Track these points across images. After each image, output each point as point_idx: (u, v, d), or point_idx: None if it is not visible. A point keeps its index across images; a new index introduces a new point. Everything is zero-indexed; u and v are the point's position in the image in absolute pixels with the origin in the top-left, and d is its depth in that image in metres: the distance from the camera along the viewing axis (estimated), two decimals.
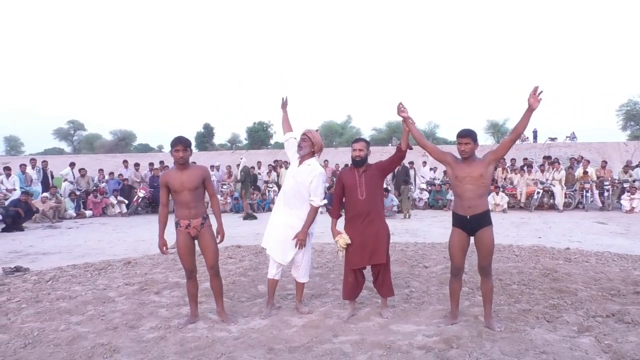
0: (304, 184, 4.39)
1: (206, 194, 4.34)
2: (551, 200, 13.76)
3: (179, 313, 4.60)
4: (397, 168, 14.95)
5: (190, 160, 4.30)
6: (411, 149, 4.49)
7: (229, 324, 4.23)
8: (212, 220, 4.37)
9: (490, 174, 3.98)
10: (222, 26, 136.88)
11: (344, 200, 4.52)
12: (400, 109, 4.23)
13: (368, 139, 4.82)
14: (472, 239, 4.08)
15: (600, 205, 13.62)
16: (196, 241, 4.31)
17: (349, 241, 4.35)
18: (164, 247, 4.27)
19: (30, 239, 9.83)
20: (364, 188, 4.35)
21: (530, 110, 3.72)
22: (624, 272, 5.83)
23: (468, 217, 3.94)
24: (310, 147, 4.44)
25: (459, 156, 4.05)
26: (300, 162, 4.47)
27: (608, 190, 13.55)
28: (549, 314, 4.27)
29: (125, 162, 16.70)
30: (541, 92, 3.70)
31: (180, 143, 4.11)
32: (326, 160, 17.55)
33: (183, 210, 4.20)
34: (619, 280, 5.37)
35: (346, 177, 4.46)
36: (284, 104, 4.94)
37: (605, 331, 3.83)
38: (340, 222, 4.53)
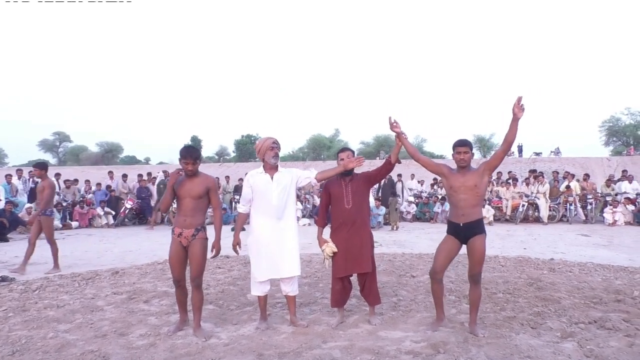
0: (287, 186, 4.37)
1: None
2: (536, 213, 13.98)
3: (169, 321, 4.60)
4: (383, 180, 15.15)
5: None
6: (400, 162, 4.59)
7: (200, 338, 4.05)
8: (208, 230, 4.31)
9: (485, 184, 4.08)
10: (209, 38, 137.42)
11: (330, 210, 4.60)
12: (393, 125, 4.32)
13: (354, 150, 4.87)
14: (464, 248, 4.18)
15: (584, 218, 13.86)
16: None
17: (335, 249, 4.41)
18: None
19: (15, 249, 9.71)
20: (350, 197, 4.43)
21: (516, 119, 3.85)
22: (606, 281, 5.96)
23: (461, 224, 4.04)
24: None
25: (453, 167, 4.16)
26: (272, 172, 4.36)
27: (591, 204, 13.80)
28: (534, 321, 4.36)
29: (110, 172, 16.65)
30: (523, 104, 3.84)
31: (189, 156, 4.07)
32: None
33: (180, 218, 4.19)
34: (601, 289, 5.50)
35: (332, 187, 4.53)
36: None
37: (587, 337, 3.93)
38: (326, 232, 4.60)
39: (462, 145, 4.03)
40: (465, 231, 4.04)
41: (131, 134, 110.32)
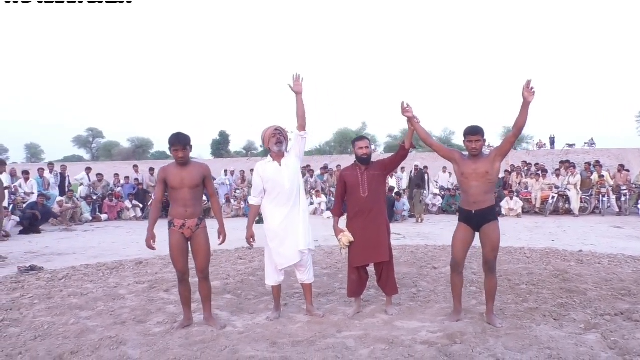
0: (295, 166, 4.34)
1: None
2: (566, 205, 13.57)
3: None
4: (412, 173, 14.97)
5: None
6: (414, 147, 4.49)
7: (216, 328, 4.03)
8: (208, 222, 4.24)
9: (497, 170, 3.97)
10: (240, 35, 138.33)
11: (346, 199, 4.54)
12: (405, 109, 4.23)
13: (376, 142, 4.75)
14: (477, 237, 4.08)
15: (618, 210, 13.38)
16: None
17: (352, 239, 4.36)
18: (152, 241, 4.12)
19: (46, 240, 10.01)
20: (366, 186, 4.36)
21: (526, 104, 3.74)
22: (637, 273, 5.73)
23: (473, 211, 3.95)
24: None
25: (465, 153, 4.06)
26: (280, 158, 4.31)
27: (625, 195, 13.32)
28: (557, 312, 4.22)
29: (135, 167, 17.13)
30: (533, 87, 3.71)
31: (178, 142, 3.88)
32: (339, 165, 17.60)
33: (179, 209, 4.00)
34: (631, 281, 5.29)
35: (348, 176, 4.48)
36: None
37: (612, 328, 3.78)
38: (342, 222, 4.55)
39: (473, 134, 3.92)
40: (478, 218, 3.95)
41: (161, 130, 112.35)
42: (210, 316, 4.21)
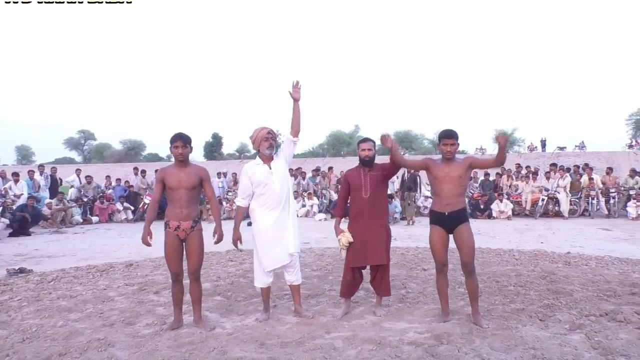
0: (284, 170, 4.36)
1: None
2: (556, 208, 13.68)
3: None
4: (405, 175, 15.02)
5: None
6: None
7: (206, 330, 4.05)
8: (204, 225, 4.24)
9: (469, 176, 4.21)
10: (234, 37, 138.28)
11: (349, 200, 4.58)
12: (385, 140, 4.32)
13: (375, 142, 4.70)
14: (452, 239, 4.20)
15: (607, 212, 13.51)
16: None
17: (351, 239, 4.39)
18: (148, 237, 4.12)
19: (36, 243, 9.96)
20: (369, 187, 4.40)
21: (501, 147, 3.90)
22: (623, 274, 5.81)
23: (446, 213, 4.07)
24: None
25: (435, 157, 4.24)
26: (269, 161, 4.34)
27: (614, 198, 13.45)
28: (542, 313, 4.27)
29: (135, 169, 16.99)
30: (506, 134, 3.88)
31: (179, 139, 3.98)
32: (331, 167, 17.62)
33: (175, 210, 4.05)
34: (616, 282, 5.36)
35: (352, 176, 4.52)
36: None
37: (596, 329, 3.84)
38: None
39: (448, 137, 4.07)
40: (451, 220, 4.08)
41: (154, 132, 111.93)
42: (200, 318, 4.21)
